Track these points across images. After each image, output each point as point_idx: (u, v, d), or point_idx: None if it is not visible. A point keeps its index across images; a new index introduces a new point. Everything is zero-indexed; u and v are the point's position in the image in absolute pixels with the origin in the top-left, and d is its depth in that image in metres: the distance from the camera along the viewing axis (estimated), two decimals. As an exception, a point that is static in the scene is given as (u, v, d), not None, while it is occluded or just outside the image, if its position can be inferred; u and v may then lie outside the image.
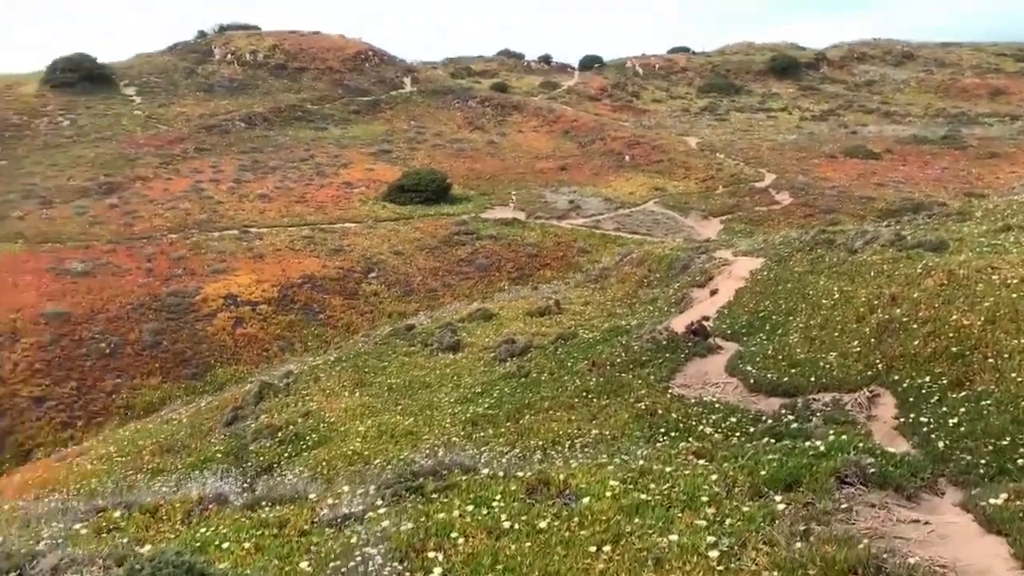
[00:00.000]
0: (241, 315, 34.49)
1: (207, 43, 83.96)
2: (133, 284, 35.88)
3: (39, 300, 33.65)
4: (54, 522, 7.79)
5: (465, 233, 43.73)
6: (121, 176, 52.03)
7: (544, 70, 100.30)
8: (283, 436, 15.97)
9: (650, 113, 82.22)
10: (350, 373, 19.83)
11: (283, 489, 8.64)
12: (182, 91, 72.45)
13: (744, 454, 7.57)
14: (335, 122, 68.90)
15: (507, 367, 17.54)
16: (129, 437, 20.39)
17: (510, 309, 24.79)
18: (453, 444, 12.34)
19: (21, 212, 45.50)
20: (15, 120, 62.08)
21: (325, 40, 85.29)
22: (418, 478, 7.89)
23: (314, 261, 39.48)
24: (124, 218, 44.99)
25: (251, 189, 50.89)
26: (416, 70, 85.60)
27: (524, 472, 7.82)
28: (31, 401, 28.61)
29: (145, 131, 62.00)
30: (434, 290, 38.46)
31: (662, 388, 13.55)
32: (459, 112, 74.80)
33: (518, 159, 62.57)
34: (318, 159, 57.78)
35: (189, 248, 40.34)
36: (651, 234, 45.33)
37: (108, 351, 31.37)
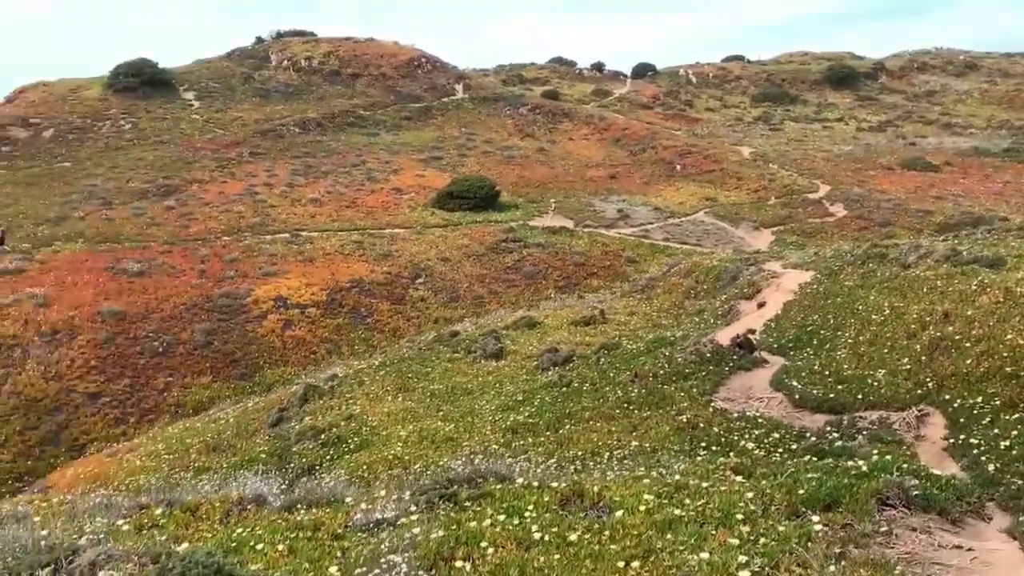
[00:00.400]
0: (290, 317, 35.01)
1: (264, 49, 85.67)
2: (187, 285, 36.69)
3: (96, 298, 34.61)
4: (98, 517, 7.98)
5: (513, 240, 43.80)
6: (178, 179, 53.31)
7: (596, 78, 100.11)
8: (326, 438, 16.15)
9: (703, 122, 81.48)
10: (394, 378, 19.97)
11: (321, 492, 8.73)
12: (239, 96, 74.00)
13: (783, 471, 7.42)
14: (387, 128, 69.67)
15: (549, 376, 17.49)
16: (177, 435, 20.83)
17: (555, 318, 24.73)
18: (492, 452, 12.34)
19: (82, 212, 46.92)
20: (79, 123, 64.07)
21: (379, 47, 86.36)
22: (453, 485, 7.90)
23: (363, 265, 39.91)
24: (180, 220, 46.09)
25: (303, 193, 51.72)
26: (468, 77, 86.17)
27: (559, 483, 7.77)
28: (86, 397, 29.42)
29: (203, 135, 63.47)
30: (480, 297, 38.58)
31: (704, 401, 13.37)
32: (510, 119, 75.04)
33: (568, 167, 62.51)
34: (369, 164, 58.48)
35: (241, 250, 41.12)
36: (700, 245, 44.87)
37: (161, 350, 32.11)
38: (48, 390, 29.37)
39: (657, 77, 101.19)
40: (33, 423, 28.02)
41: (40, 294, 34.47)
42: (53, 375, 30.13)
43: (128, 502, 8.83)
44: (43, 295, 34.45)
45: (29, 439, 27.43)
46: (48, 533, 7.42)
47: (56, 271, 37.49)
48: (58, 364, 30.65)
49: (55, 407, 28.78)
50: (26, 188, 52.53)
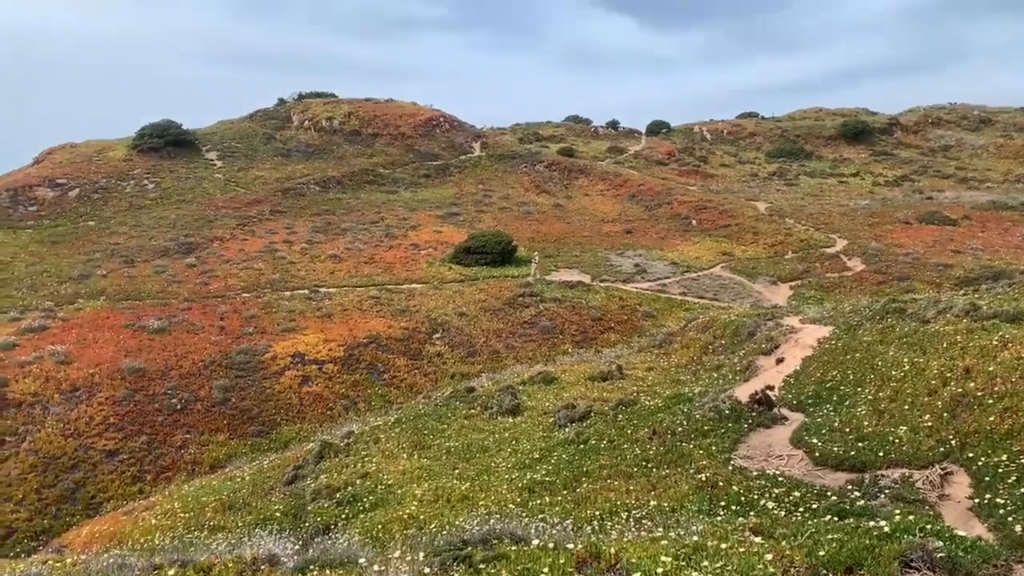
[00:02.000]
0: (308, 373, 35.06)
1: (286, 110, 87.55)
2: (206, 341, 36.92)
3: (117, 355, 34.87)
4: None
5: (529, 295, 43.88)
6: (200, 237, 54.07)
7: (611, 135, 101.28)
8: (341, 497, 16.02)
9: (718, 178, 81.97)
10: (409, 435, 19.86)
11: (335, 552, 8.65)
12: (261, 156, 75.41)
13: (803, 532, 7.29)
14: (405, 185, 70.59)
15: (566, 433, 17.34)
16: (193, 493, 20.73)
17: (572, 373, 24.62)
18: (508, 511, 12.19)
19: (105, 270, 47.59)
20: (104, 183, 65.42)
21: (398, 107, 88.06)
22: (467, 547, 7.80)
23: (380, 321, 40.06)
24: (201, 277, 46.61)
25: (323, 250, 52.25)
26: (485, 135, 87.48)
27: (575, 544, 7.66)
28: (104, 454, 29.44)
29: (224, 194, 64.55)
30: (497, 352, 38.52)
31: (724, 459, 13.20)
32: (526, 176, 75.85)
33: (584, 222, 62.88)
34: (388, 221, 59.12)
35: (261, 307, 41.44)
36: (718, 299, 44.75)
37: (180, 407, 32.18)
38: (67, 447, 29.43)
39: (672, 134, 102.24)
40: (51, 481, 28.02)
41: (62, 351, 34.79)
42: (72, 432, 30.22)
43: (142, 563, 8.78)
44: (64, 352, 34.77)
45: (46, 497, 27.39)
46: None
47: (78, 328, 37.90)
48: (77, 421, 30.76)
49: (73, 464, 28.79)
50: (51, 247, 53.47)
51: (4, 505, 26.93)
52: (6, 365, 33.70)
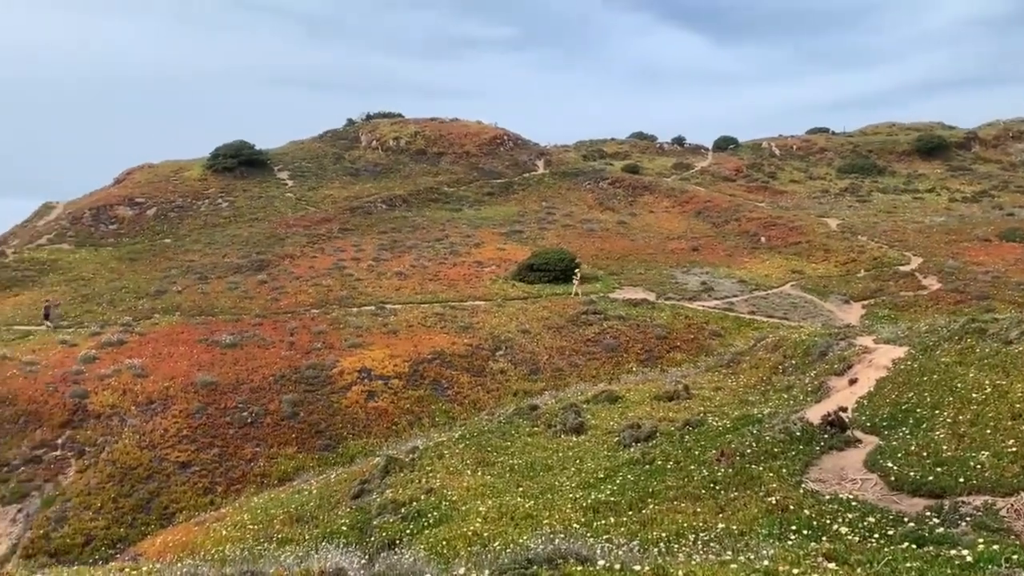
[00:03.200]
0: (373, 389, 35.49)
1: (355, 130, 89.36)
2: (276, 356, 37.72)
3: (191, 369, 35.88)
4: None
5: (593, 313, 43.67)
6: (271, 254, 55.42)
7: (677, 151, 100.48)
8: (406, 512, 16.12)
9: (787, 194, 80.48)
10: (473, 451, 19.91)
11: (401, 568, 8.70)
12: (330, 175, 77.02)
13: (880, 559, 7.05)
14: (469, 203, 71.18)
15: (631, 453, 17.15)
16: (262, 505, 21.13)
17: (637, 392, 24.36)
18: (572, 531, 12.09)
19: (180, 287, 49.13)
20: (180, 202, 67.66)
21: (463, 126, 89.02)
22: (532, 566, 7.77)
23: (444, 337, 40.35)
24: (272, 293, 47.72)
25: (389, 267, 52.99)
26: (549, 153, 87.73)
27: (641, 566, 7.55)
28: (177, 466, 30.26)
29: (295, 212, 66.09)
30: (560, 369, 38.39)
31: (795, 482, 12.87)
32: (590, 193, 75.74)
33: (649, 239, 62.41)
34: (452, 239, 59.67)
35: (329, 323, 42.17)
36: (788, 318, 43.81)
37: (250, 420, 32.90)
38: (142, 458, 30.35)
39: (739, 150, 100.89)
40: (127, 491, 28.91)
41: (138, 365, 35.97)
42: (147, 444, 31.16)
43: (213, 573, 8.98)
44: (141, 366, 35.94)
45: (123, 506, 28.27)
46: (137, 602, 7.59)
47: (154, 343, 39.15)
48: (152, 433, 31.72)
49: (148, 475, 29.67)
50: (130, 264, 55.46)
51: (84, 513, 27.89)
52: (87, 378, 35.02)
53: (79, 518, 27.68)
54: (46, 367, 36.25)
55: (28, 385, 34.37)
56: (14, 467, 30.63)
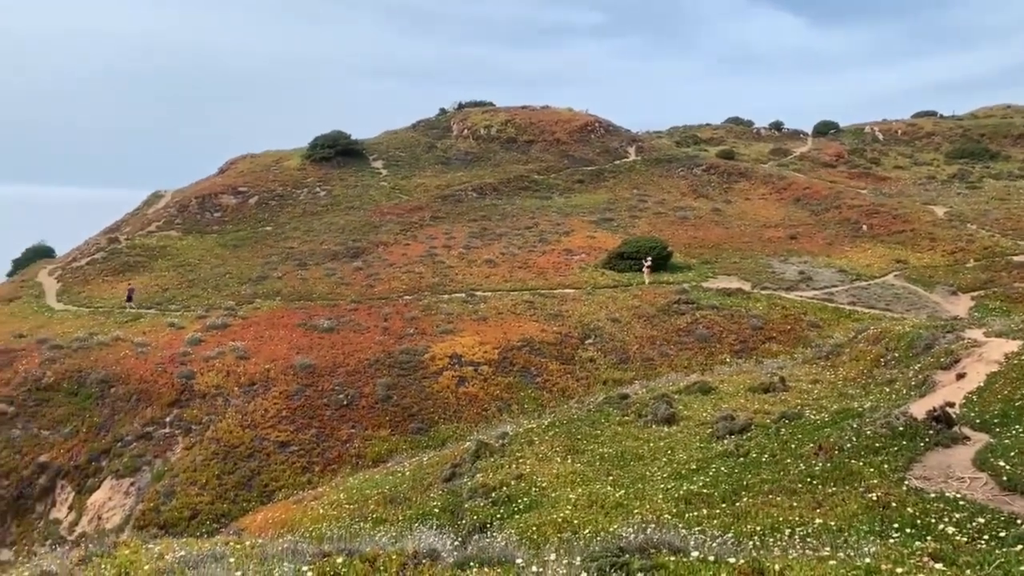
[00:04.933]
0: (464, 374, 35.94)
1: (447, 120, 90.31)
2: (371, 341, 38.62)
3: (290, 352, 37.11)
4: (286, 562, 8.42)
5: (685, 302, 43.00)
6: (366, 241, 56.68)
7: (774, 136, 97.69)
8: (496, 497, 16.28)
9: (891, 180, 77.23)
10: (563, 439, 19.93)
11: (493, 551, 8.78)
12: (423, 164, 78.13)
13: (991, 561, 6.72)
14: (559, 191, 71.01)
15: (725, 445, 16.85)
16: (357, 485, 21.70)
17: (730, 383, 23.89)
18: (664, 522, 11.98)
19: (280, 272, 50.82)
20: (280, 191, 69.85)
21: (553, 114, 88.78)
22: (624, 554, 7.73)
23: (533, 325, 40.47)
24: (367, 280, 48.84)
25: (479, 255, 53.46)
26: (641, 139, 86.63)
27: (736, 558, 7.42)
28: (277, 445, 31.39)
29: (389, 201, 67.35)
30: (651, 359, 37.99)
31: (897, 479, 12.39)
32: (683, 180, 74.46)
33: (744, 227, 60.97)
34: (541, 227, 59.69)
35: (421, 309, 42.89)
36: (890, 309, 42.15)
37: (346, 402, 33.82)
38: (244, 437, 31.60)
39: (840, 135, 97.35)
40: (230, 468, 30.18)
41: (241, 347, 37.43)
42: (249, 423, 32.42)
43: (312, 549, 9.27)
44: (243, 348, 37.39)
45: (226, 483, 29.52)
46: (241, 574, 7.92)
47: (256, 326, 40.65)
48: (253, 413, 32.97)
49: (249, 454, 30.88)
50: (233, 250, 57.67)
51: (190, 488, 29.27)
52: (193, 359, 36.66)
53: (186, 493, 29.08)
54: (156, 348, 38.13)
55: (139, 365, 36.24)
56: (127, 442, 32.41)
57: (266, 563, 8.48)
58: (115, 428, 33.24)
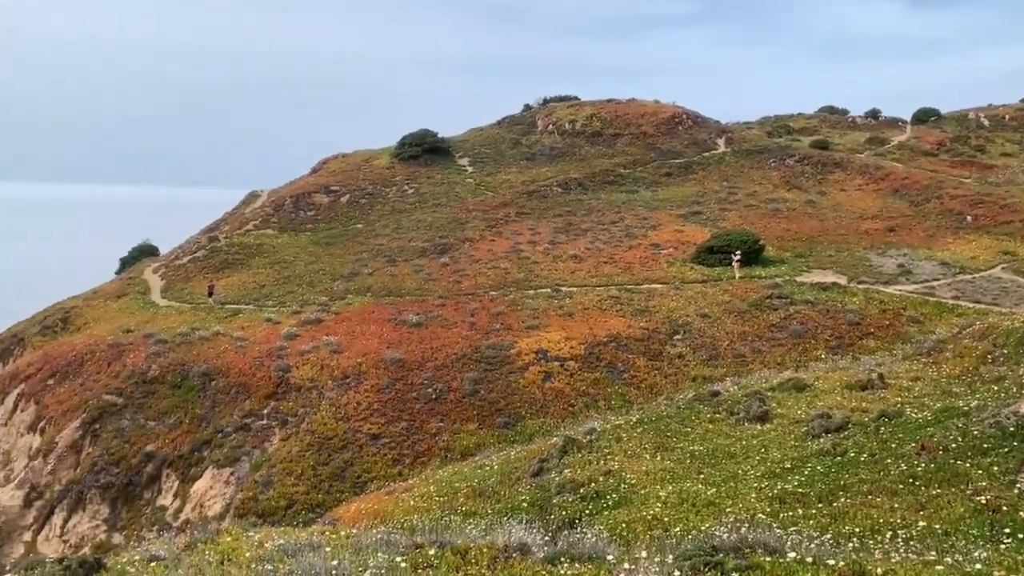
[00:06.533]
0: (550, 370, 35.97)
1: (531, 115, 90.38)
2: (458, 336, 39.06)
3: (380, 347, 37.88)
4: (379, 552, 8.59)
5: (778, 297, 41.91)
6: (452, 238, 57.32)
7: (871, 125, 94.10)
8: (585, 493, 16.24)
9: (998, 169, 73.35)
10: (652, 436, 19.71)
11: (583, 547, 8.76)
12: (507, 160, 78.45)
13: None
14: (646, 185, 70.20)
15: (821, 443, 16.35)
16: (447, 478, 21.99)
17: (826, 380, 23.15)
18: (757, 521, 11.71)
19: (371, 269, 51.92)
20: (370, 189, 71.31)
21: (640, 106, 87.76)
22: (718, 553, 7.59)
23: (620, 321, 40.17)
24: (453, 276, 49.41)
25: (564, 250, 53.36)
26: (730, 130, 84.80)
27: (835, 560, 7.20)
28: (369, 437, 32.11)
29: (474, 197, 67.93)
30: (742, 356, 37.19)
31: (1008, 482, 11.79)
32: (775, 171, 72.55)
33: (839, 219, 59.01)
34: (628, 221, 59.15)
35: (507, 305, 43.12)
36: (997, 304, 40.11)
37: (434, 396, 34.32)
38: (337, 430, 32.45)
39: (941, 122, 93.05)
40: (324, 459, 31.04)
41: (334, 342, 38.42)
42: (342, 416, 33.27)
43: (405, 540, 9.43)
44: (336, 343, 38.36)
45: (320, 474, 30.39)
46: (337, 563, 8.12)
47: (348, 322, 41.65)
48: (346, 406, 33.82)
49: (343, 446, 31.69)
50: (326, 247, 59.21)
51: (287, 479, 30.24)
52: (289, 353, 37.83)
53: (282, 483, 30.06)
54: (253, 343, 39.51)
55: (238, 359, 37.62)
56: (227, 433, 33.71)
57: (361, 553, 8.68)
58: (216, 419, 34.62)
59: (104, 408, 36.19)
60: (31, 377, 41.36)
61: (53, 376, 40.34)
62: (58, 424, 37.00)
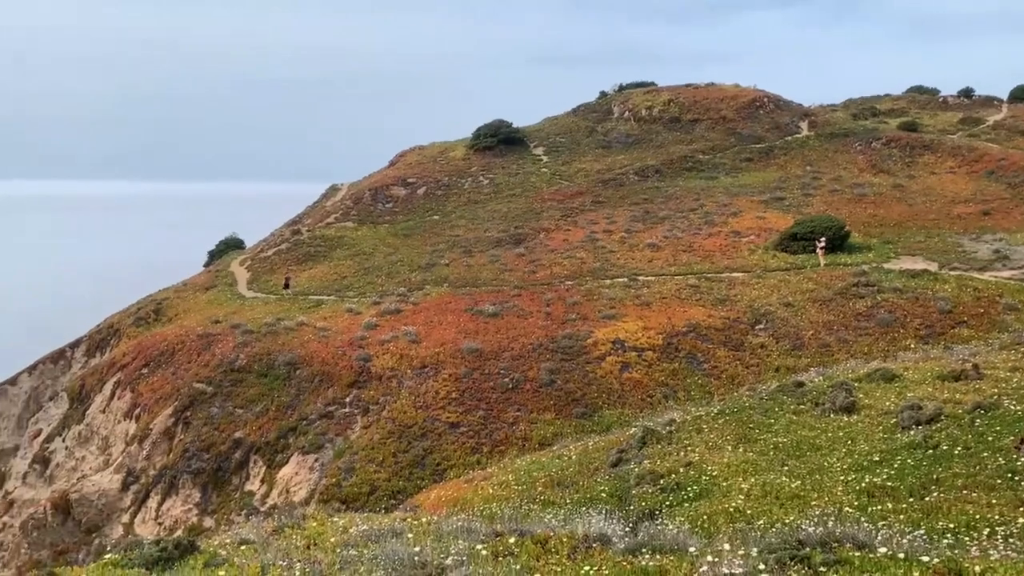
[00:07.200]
0: (627, 360, 35.69)
1: (607, 102, 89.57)
2: (534, 326, 39.11)
3: (457, 337, 38.23)
4: (460, 540, 8.68)
5: (865, 285, 40.56)
6: (528, 228, 57.38)
7: (963, 105, 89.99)
8: (665, 484, 16.06)
9: (1103, 147, 69.31)
10: (733, 427, 19.36)
11: (664, 539, 8.67)
12: (583, 148, 77.98)
13: None
14: (725, 171, 68.82)
15: (911, 436, 15.78)
16: (525, 468, 22.07)
17: (916, 371, 22.32)
18: (845, 515, 11.38)
19: (447, 259, 52.43)
20: (446, 180, 71.94)
21: (719, 91, 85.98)
22: (804, 547, 7.41)
23: (699, 310, 39.55)
24: (529, 266, 49.47)
25: (641, 239, 52.80)
26: (813, 113, 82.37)
27: (930, 557, 6.93)
28: (447, 426, 32.48)
29: (550, 187, 67.80)
30: (827, 345, 36.17)
31: (1118, 479, 11.16)
32: (860, 155, 70.17)
33: (929, 204, 56.74)
34: (707, 208, 58.11)
35: (583, 294, 42.95)
36: (1103, 290, 37.93)
37: (511, 386, 34.47)
38: (417, 418, 32.93)
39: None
40: (404, 447, 31.55)
41: (412, 332, 38.96)
42: (421, 404, 33.74)
43: (485, 528, 9.51)
44: (414, 333, 38.90)
45: (401, 461, 30.91)
46: (419, 550, 8.23)
47: (425, 312, 42.18)
48: (425, 395, 34.28)
49: (422, 434, 32.15)
50: (403, 239, 60.06)
51: (368, 466, 30.87)
52: (370, 343, 38.54)
53: (364, 470, 30.69)
54: (335, 332, 40.40)
55: (321, 349, 38.52)
56: (311, 421, 34.59)
57: (442, 540, 8.79)
58: (300, 407, 35.56)
59: (195, 396, 37.59)
60: (127, 366, 43.28)
61: (147, 365, 42.11)
62: (152, 411, 38.62)
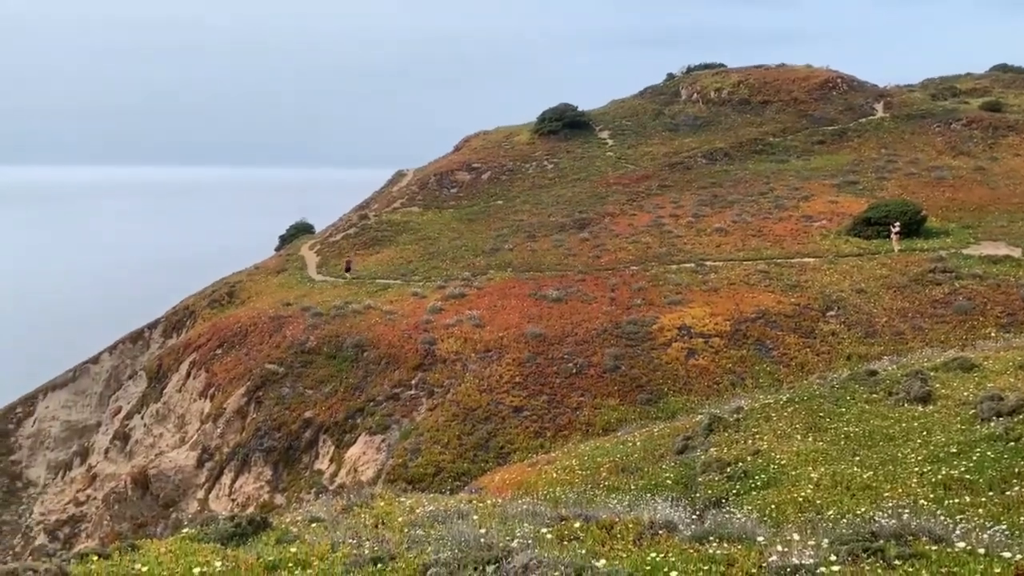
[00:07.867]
0: (694, 346, 35.27)
1: (674, 85, 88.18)
2: (598, 311, 38.94)
3: (521, 322, 38.33)
4: (525, 523, 8.73)
5: (942, 271, 39.21)
6: (592, 212, 57.02)
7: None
8: (731, 472, 15.87)
9: None
10: (803, 416, 18.98)
11: (731, 527, 8.57)
12: (649, 132, 77.03)
13: None
14: (796, 154, 67.17)
15: (991, 427, 15.23)
16: (589, 453, 22.06)
17: (997, 360, 21.51)
18: (920, 508, 11.07)
19: (511, 244, 52.50)
20: (510, 165, 71.94)
21: (790, 72, 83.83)
22: (878, 539, 7.23)
23: (768, 296, 38.80)
24: (593, 251, 49.20)
25: (708, 223, 51.98)
26: (889, 94, 79.64)
27: (1012, 553, 6.69)
28: (511, 410, 32.64)
29: (615, 171, 67.20)
30: (901, 333, 35.13)
31: None
32: (939, 137, 67.63)
33: (1014, 187, 54.40)
34: (777, 192, 56.85)
35: (648, 280, 42.54)
36: None
37: (575, 371, 34.43)
38: (481, 401, 33.17)
39: None
40: (468, 430, 31.85)
41: (476, 316, 39.21)
42: (485, 388, 33.97)
43: (550, 512, 9.54)
44: (478, 317, 39.14)
45: (465, 443, 31.21)
46: (485, 532, 8.30)
47: (489, 296, 42.37)
48: (489, 378, 34.49)
49: (486, 417, 32.38)
50: (468, 224, 60.35)
51: (433, 447, 31.26)
52: (435, 326, 38.94)
53: (430, 451, 31.10)
54: (402, 316, 40.93)
55: (388, 332, 39.10)
56: (378, 402, 35.18)
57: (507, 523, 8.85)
58: (368, 389, 36.18)
59: (266, 377, 38.59)
60: (201, 347, 44.66)
61: (221, 346, 43.38)
62: (226, 391, 39.80)
